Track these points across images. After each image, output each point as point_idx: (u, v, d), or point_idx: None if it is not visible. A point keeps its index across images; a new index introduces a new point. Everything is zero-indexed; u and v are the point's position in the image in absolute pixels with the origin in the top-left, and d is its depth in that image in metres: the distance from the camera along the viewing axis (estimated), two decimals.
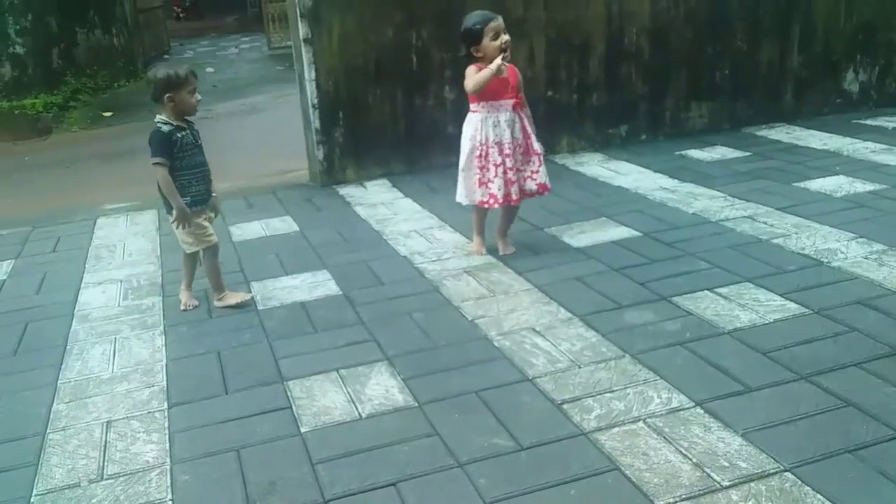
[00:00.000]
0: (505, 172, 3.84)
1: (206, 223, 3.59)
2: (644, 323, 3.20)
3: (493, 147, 3.83)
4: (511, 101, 3.84)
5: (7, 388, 3.04)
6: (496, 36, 3.69)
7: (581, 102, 6.07)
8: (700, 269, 3.68)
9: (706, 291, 3.43)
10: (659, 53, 6.13)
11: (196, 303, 3.71)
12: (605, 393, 2.71)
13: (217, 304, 3.68)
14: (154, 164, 3.38)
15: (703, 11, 6.15)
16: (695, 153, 5.79)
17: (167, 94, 3.37)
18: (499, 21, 3.71)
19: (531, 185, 3.96)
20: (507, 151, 3.83)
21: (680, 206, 4.60)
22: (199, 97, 3.50)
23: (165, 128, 3.40)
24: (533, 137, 3.93)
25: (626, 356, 2.94)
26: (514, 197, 3.90)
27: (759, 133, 6.28)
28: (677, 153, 5.82)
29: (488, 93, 3.78)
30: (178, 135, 3.42)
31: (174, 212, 3.45)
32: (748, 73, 6.41)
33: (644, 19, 6.03)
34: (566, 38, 5.90)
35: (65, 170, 7.39)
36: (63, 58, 11.02)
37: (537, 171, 3.94)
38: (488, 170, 3.86)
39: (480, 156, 3.85)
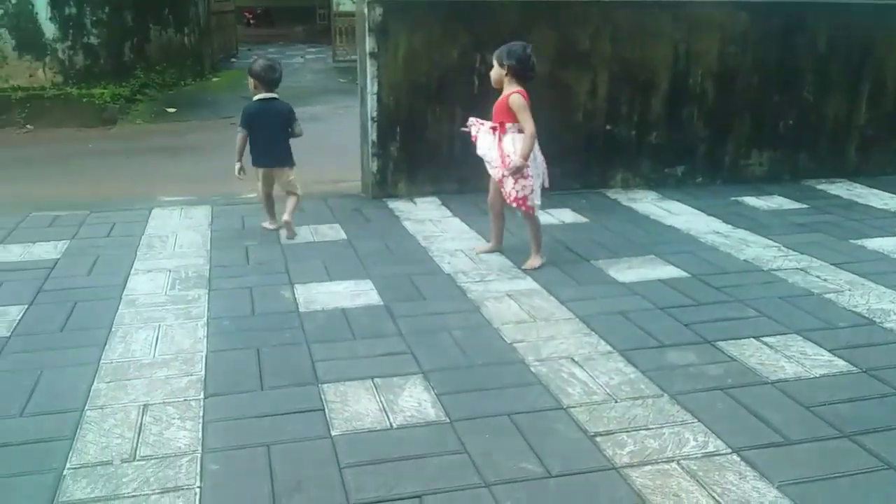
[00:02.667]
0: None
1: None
2: (685, 364, 3.14)
3: None
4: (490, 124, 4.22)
5: (51, 363, 3.11)
6: None
7: (640, 139, 6.04)
8: (747, 317, 3.62)
9: (752, 339, 3.37)
10: (723, 97, 6.09)
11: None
12: (640, 430, 2.66)
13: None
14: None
15: (771, 59, 6.10)
16: (751, 200, 5.72)
17: None
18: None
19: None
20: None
21: (732, 252, 4.54)
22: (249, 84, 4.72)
23: None
24: (505, 163, 4.09)
25: (664, 395, 2.90)
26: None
27: (819, 187, 6.17)
28: (733, 199, 5.75)
29: None
30: None
31: None
32: (813, 125, 6.33)
33: (711, 62, 6.00)
34: (630, 74, 5.89)
35: (125, 160, 7.57)
36: (134, 52, 11.34)
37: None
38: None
39: None
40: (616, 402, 2.85)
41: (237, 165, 4.72)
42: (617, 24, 5.81)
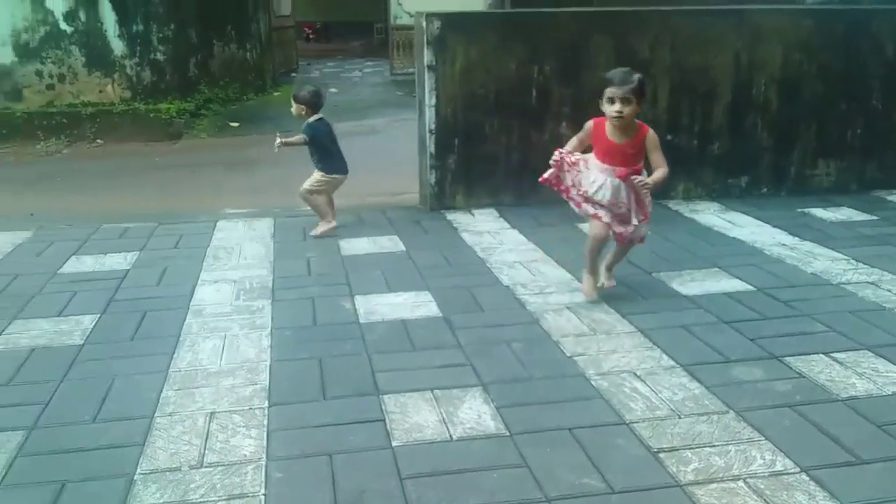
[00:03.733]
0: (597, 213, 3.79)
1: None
2: (752, 380, 3.08)
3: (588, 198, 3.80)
4: (616, 170, 3.66)
5: (122, 371, 3.21)
6: (610, 101, 3.56)
7: (701, 149, 5.95)
8: (816, 332, 3.53)
9: (821, 355, 3.28)
10: (788, 106, 5.95)
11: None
12: (706, 447, 2.62)
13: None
14: None
15: (837, 67, 5.94)
16: (818, 212, 5.57)
17: None
18: (616, 89, 3.52)
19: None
20: (599, 203, 3.76)
21: (798, 265, 4.43)
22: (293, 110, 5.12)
23: None
24: (636, 210, 3.74)
25: (730, 412, 2.84)
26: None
27: (890, 198, 5.98)
28: (799, 210, 5.61)
29: (599, 151, 3.72)
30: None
31: None
32: (882, 133, 6.14)
33: (774, 70, 5.88)
34: (691, 84, 5.81)
35: (191, 173, 7.78)
36: (199, 67, 11.62)
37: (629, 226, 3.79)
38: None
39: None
40: (680, 417, 2.81)
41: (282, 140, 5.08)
42: (677, 33, 5.75)
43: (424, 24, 5.52)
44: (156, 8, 10.92)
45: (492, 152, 5.75)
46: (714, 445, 2.62)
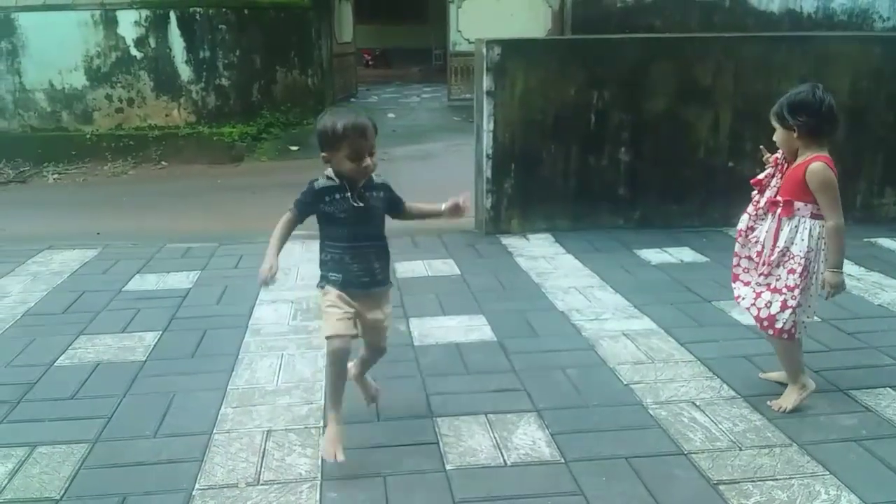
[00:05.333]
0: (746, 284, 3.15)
1: (339, 307, 2.70)
2: (816, 413, 2.99)
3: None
4: (769, 155, 3.13)
5: (183, 387, 3.28)
6: None
7: None
8: (883, 364, 3.41)
9: (889, 389, 3.17)
10: (854, 134, 5.79)
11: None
12: (767, 480, 2.54)
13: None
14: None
15: None
16: (886, 242, 5.40)
17: (322, 153, 2.74)
18: None
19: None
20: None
21: (865, 296, 4.29)
22: (369, 162, 2.70)
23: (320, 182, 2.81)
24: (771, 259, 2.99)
25: (793, 445, 2.76)
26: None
27: None
28: (866, 240, 5.44)
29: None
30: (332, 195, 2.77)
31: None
32: None
33: (842, 98, 5.71)
34: (754, 110, 5.69)
35: (251, 195, 7.93)
36: (262, 93, 11.90)
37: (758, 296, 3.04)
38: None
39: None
40: (741, 449, 2.74)
41: None
42: (740, 60, 5.67)
43: (485, 50, 5.56)
44: (223, 35, 11.25)
45: (548, 177, 5.74)
46: (776, 479, 2.55)
